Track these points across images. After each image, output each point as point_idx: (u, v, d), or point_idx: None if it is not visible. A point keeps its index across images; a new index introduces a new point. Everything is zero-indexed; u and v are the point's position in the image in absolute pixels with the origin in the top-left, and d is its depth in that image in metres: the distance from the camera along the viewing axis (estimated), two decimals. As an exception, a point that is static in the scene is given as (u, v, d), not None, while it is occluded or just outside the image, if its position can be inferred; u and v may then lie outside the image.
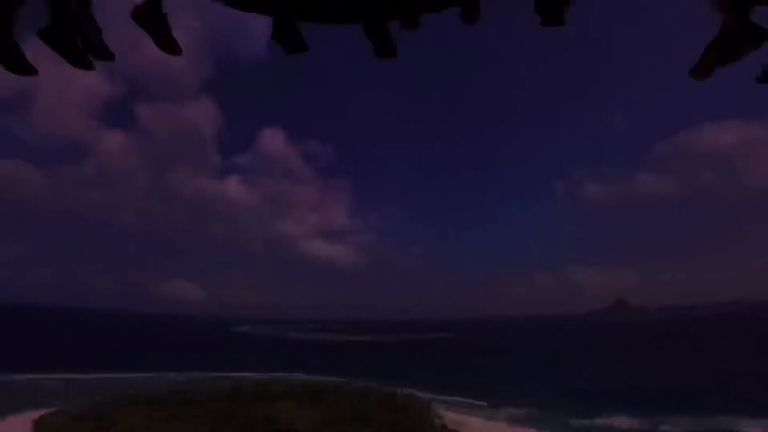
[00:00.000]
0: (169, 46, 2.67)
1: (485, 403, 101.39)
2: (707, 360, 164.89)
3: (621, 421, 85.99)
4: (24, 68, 2.47)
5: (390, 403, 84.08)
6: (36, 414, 78.04)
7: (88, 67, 2.61)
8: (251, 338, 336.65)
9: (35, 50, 2.53)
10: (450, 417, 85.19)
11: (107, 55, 2.63)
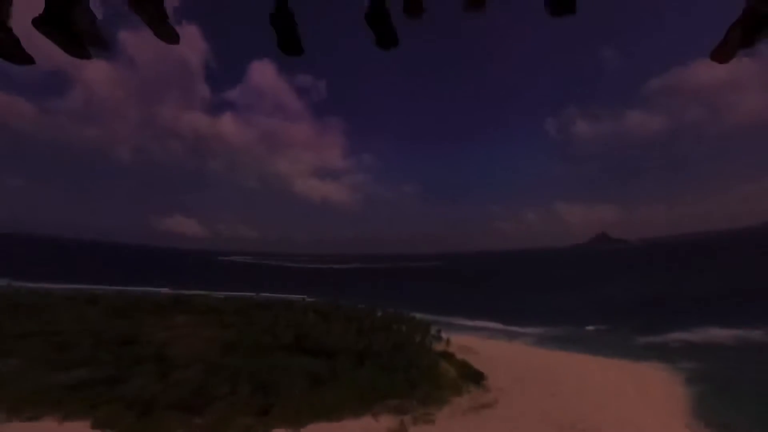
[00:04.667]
0: (166, 33, 2.40)
1: (500, 324, 71.95)
2: (712, 278, 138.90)
3: (711, 333, 56.94)
4: (21, 57, 2.29)
5: (363, 323, 52.92)
6: None
7: (84, 56, 2.35)
8: (236, 266, 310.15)
9: (31, 38, 2.38)
10: (458, 341, 55.25)
11: (102, 44, 2.39)
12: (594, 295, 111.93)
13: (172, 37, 2.42)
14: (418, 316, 70.45)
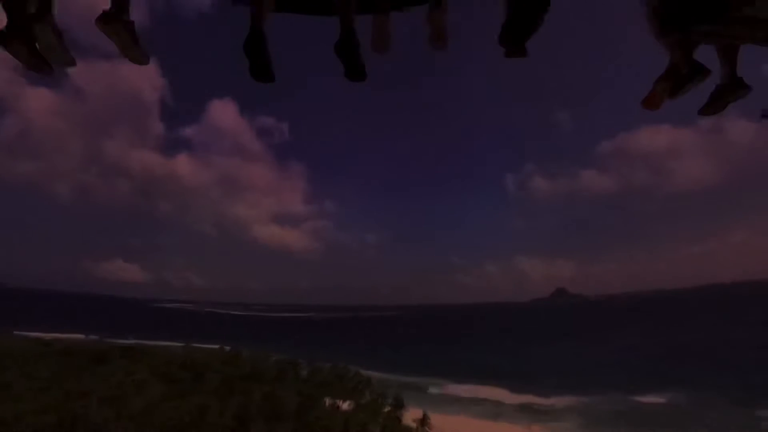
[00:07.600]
0: (135, 54, 2.31)
1: (505, 391, 46.42)
2: (692, 336, 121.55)
3: None
4: None
5: (271, 388, 26.56)
6: None
7: (47, 71, 2.25)
8: (168, 312, 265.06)
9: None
10: (443, 426, 29.66)
11: (67, 60, 2.30)
12: (602, 350, 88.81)
13: (142, 59, 2.33)
14: (378, 376, 44.57)
